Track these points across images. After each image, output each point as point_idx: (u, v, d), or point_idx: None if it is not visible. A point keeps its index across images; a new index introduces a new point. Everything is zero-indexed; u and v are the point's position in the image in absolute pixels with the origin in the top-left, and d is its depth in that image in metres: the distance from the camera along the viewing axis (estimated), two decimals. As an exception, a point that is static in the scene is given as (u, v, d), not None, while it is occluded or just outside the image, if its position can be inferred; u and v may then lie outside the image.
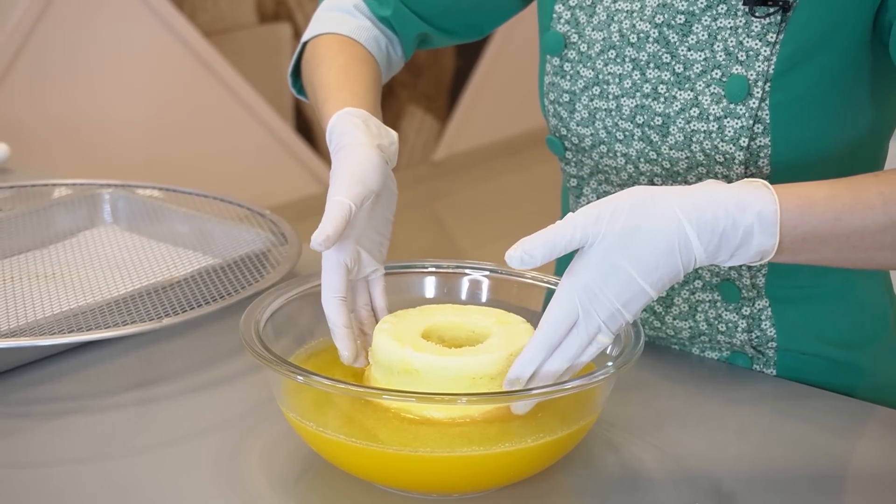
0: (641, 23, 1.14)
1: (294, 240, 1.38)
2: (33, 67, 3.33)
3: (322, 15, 1.29)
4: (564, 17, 1.19)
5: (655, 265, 0.93)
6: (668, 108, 1.14)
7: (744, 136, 1.11)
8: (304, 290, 1.08)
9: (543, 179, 4.55)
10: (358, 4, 1.29)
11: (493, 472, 0.95)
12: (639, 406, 1.13)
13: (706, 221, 0.93)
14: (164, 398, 1.14)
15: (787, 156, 1.12)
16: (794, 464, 1.05)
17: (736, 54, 1.11)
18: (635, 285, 0.93)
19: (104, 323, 1.19)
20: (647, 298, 0.94)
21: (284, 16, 3.93)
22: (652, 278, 0.93)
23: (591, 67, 1.17)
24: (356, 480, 0.98)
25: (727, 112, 1.11)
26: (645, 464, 1.03)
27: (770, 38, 1.09)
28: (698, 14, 1.12)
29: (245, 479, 1.00)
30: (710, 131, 1.12)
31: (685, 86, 1.13)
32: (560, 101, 1.20)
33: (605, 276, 0.93)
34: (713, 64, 1.12)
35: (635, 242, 0.92)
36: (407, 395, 0.93)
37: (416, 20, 1.29)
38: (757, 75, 1.10)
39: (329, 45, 1.24)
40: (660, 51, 1.14)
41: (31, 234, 1.45)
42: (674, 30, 1.13)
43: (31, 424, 1.09)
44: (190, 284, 1.27)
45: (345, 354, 1.01)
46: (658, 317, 1.23)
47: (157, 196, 1.52)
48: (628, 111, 1.16)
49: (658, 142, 1.15)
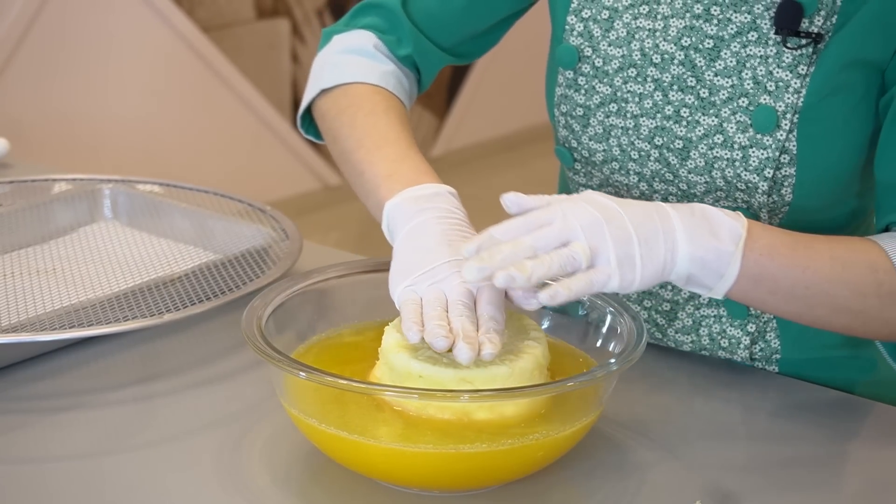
0: (666, 43, 1.11)
1: (295, 236, 1.38)
2: (32, 62, 3.33)
3: (337, 59, 1.23)
4: (577, 29, 1.15)
5: (643, 216, 0.96)
6: (691, 132, 1.11)
7: (769, 166, 1.09)
8: (306, 285, 1.08)
9: (541, 176, 4.54)
10: (378, 45, 1.24)
11: (496, 469, 0.95)
12: (641, 403, 1.13)
13: (681, 207, 0.99)
14: (165, 394, 1.13)
15: (811, 185, 1.10)
16: (795, 461, 1.05)
17: (765, 84, 1.08)
18: (624, 224, 0.95)
19: (105, 319, 1.18)
20: (632, 244, 0.94)
21: (283, 11, 3.93)
22: (641, 230, 0.95)
23: (609, 84, 1.14)
24: (358, 476, 0.98)
25: (753, 142, 1.09)
26: (647, 461, 1.03)
27: (801, 71, 1.07)
28: (727, 40, 1.09)
29: (246, 474, 1.00)
30: (733, 159, 1.10)
31: (709, 111, 1.11)
32: (573, 114, 1.17)
33: (597, 207, 0.96)
34: (740, 91, 1.09)
35: (625, 204, 0.97)
36: (409, 391, 0.93)
37: (438, 52, 1.25)
38: (786, 107, 1.07)
39: (360, 100, 1.19)
40: (685, 73, 1.11)
41: (31, 230, 1.44)
42: (701, 54, 1.10)
43: (32, 420, 1.09)
44: (191, 280, 1.27)
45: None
46: (660, 329, 1.22)
47: (158, 192, 1.52)
48: (647, 131, 1.14)
49: (676, 164, 1.13)
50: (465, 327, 0.93)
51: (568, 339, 1.08)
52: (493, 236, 0.95)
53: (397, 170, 1.09)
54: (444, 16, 1.24)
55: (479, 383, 0.94)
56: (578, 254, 0.94)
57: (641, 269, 0.96)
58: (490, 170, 4.36)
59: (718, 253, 0.98)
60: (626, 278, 0.95)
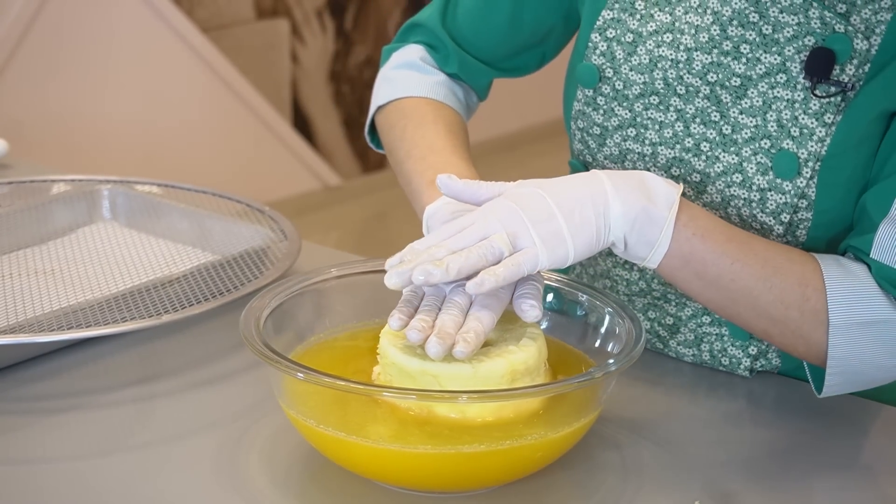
0: (690, 77, 1.09)
1: (294, 236, 1.38)
2: (31, 63, 3.33)
3: (391, 74, 1.27)
4: (600, 48, 1.13)
5: (566, 189, 0.98)
6: (710, 167, 1.11)
7: (786, 211, 1.08)
8: (304, 286, 1.08)
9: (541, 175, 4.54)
10: (425, 57, 1.26)
11: (494, 469, 0.94)
12: (640, 404, 1.13)
13: (620, 173, 1.00)
14: (164, 395, 1.13)
15: (825, 227, 1.10)
16: (795, 462, 1.05)
17: (789, 128, 1.07)
18: (544, 203, 0.96)
19: (103, 319, 1.18)
20: (555, 219, 0.96)
21: (282, 11, 3.93)
22: (564, 203, 0.97)
23: (629, 108, 1.13)
24: (356, 478, 0.98)
25: (772, 185, 1.08)
26: (646, 462, 1.03)
27: (827, 119, 1.05)
28: (755, 80, 1.07)
29: (244, 475, 1.00)
30: (750, 200, 1.09)
31: (730, 148, 1.09)
32: (590, 131, 1.16)
33: (515, 199, 0.97)
34: (763, 133, 1.08)
35: (553, 182, 0.99)
36: (407, 392, 0.93)
37: (483, 68, 1.26)
38: (808, 155, 1.06)
39: (410, 113, 1.22)
40: (709, 107, 1.10)
41: (30, 230, 1.44)
42: (727, 91, 1.09)
43: (30, 421, 1.09)
44: (189, 281, 1.27)
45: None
46: (662, 340, 1.22)
47: (156, 192, 1.52)
48: (664, 161, 1.13)
49: (692, 196, 1.13)
50: (444, 323, 0.94)
51: (567, 339, 1.08)
52: (414, 248, 0.98)
53: None
54: (485, 33, 1.25)
55: (441, 378, 0.94)
56: (496, 241, 0.95)
57: (572, 239, 0.97)
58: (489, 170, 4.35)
59: (651, 215, 0.99)
60: (556, 253, 0.96)
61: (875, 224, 1.04)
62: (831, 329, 1.03)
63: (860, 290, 1.03)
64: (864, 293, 1.03)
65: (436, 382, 0.94)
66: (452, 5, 1.26)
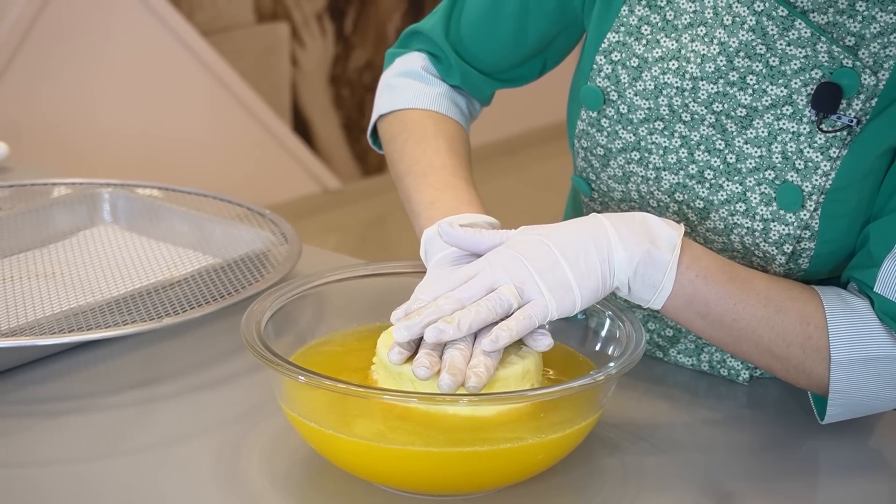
0: (696, 105, 1.08)
1: (294, 239, 1.38)
2: (31, 66, 3.33)
3: (393, 82, 1.26)
4: (605, 71, 1.12)
5: (569, 235, 0.99)
6: (713, 195, 1.10)
7: (789, 242, 1.08)
8: (305, 289, 1.08)
9: (542, 180, 4.54)
10: (427, 67, 1.26)
11: (496, 470, 0.95)
12: (640, 407, 1.13)
13: (621, 216, 1.01)
14: (165, 398, 1.13)
15: (828, 256, 1.10)
16: (798, 464, 1.05)
17: (793, 161, 1.06)
18: (549, 252, 0.97)
19: (104, 322, 1.18)
20: (560, 268, 0.97)
21: (282, 15, 3.93)
22: (567, 251, 0.97)
23: (633, 132, 1.12)
24: (357, 480, 0.98)
25: (775, 216, 1.08)
26: (646, 464, 1.03)
27: (832, 153, 1.05)
28: (761, 111, 1.07)
29: (245, 478, 1.00)
30: (753, 229, 1.09)
31: (734, 177, 1.09)
32: (593, 151, 1.16)
33: (519, 248, 0.98)
34: (768, 164, 1.07)
35: (555, 229, 1.00)
36: (408, 395, 0.93)
37: (485, 80, 1.26)
38: (812, 188, 1.06)
39: (412, 126, 1.22)
40: (714, 135, 1.09)
41: (31, 234, 1.44)
42: (733, 120, 1.08)
43: (31, 424, 1.09)
44: (190, 284, 1.27)
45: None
46: (662, 349, 1.22)
47: (157, 195, 1.52)
48: (668, 185, 1.12)
49: (695, 221, 1.12)
50: (454, 359, 0.94)
51: (567, 343, 1.08)
52: (419, 298, 0.98)
53: (439, 198, 1.13)
54: (489, 45, 1.24)
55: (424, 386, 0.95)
56: (505, 294, 0.96)
57: (578, 287, 0.97)
58: (489, 174, 4.35)
59: (654, 258, 1.00)
60: (564, 302, 0.97)
61: (879, 258, 1.04)
62: (833, 366, 1.03)
63: (862, 327, 1.03)
64: (866, 330, 1.03)
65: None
66: (456, 17, 1.25)
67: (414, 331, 0.95)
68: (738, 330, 1.03)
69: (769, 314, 1.03)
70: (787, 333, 1.03)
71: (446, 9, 1.25)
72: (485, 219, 1.09)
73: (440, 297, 0.97)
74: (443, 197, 1.13)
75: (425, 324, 0.95)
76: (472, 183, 1.17)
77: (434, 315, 0.95)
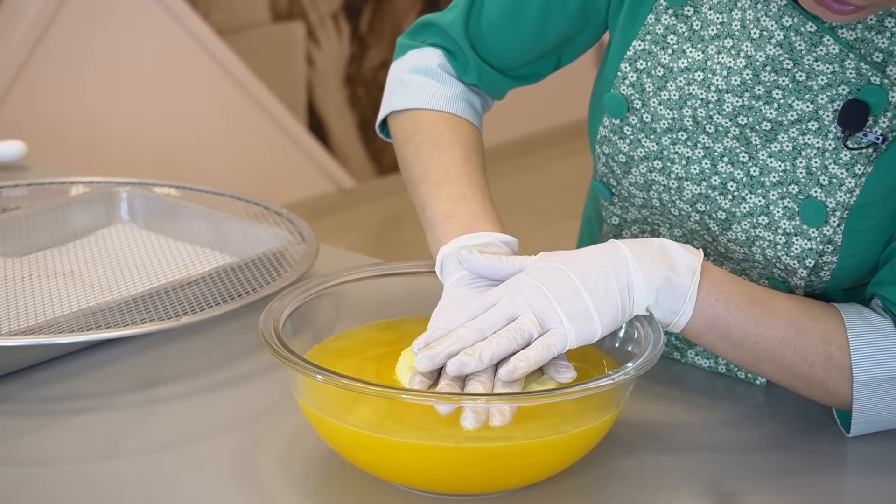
0: (720, 117, 1.08)
1: (311, 239, 1.38)
2: (48, 65, 3.34)
3: (407, 78, 1.24)
4: (630, 78, 1.11)
5: (588, 263, 0.98)
6: (735, 207, 1.09)
7: (811, 256, 1.07)
8: (322, 288, 1.08)
9: (557, 179, 4.54)
10: (443, 65, 1.24)
11: (515, 468, 0.95)
12: (658, 407, 1.13)
13: (639, 243, 1.01)
14: (181, 397, 1.14)
15: (850, 270, 1.09)
16: (819, 465, 1.05)
17: (818, 176, 1.05)
18: (568, 280, 0.97)
19: (122, 321, 1.19)
20: (580, 296, 0.96)
21: (298, 14, 3.93)
22: (587, 279, 0.97)
23: (656, 141, 1.11)
24: (374, 480, 0.98)
25: (798, 231, 1.07)
26: (664, 465, 1.03)
27: (857, 171, 1.04)
28: (786, 125, 1.06)
29: (262, 477, 1.00)
30: (776, 243, 1.09)
31: (757, 190, 1.08)
32: (615, 158, 1.15)
33: (538, 276, 0.98)
34: (792, 178, 1.06)
35: (573, 256, 0.99)
36: (426, 394, 0.93)
37: (501, 78, 1.24)
38: (836, 204, 1.05)
39: (426, 129, 1.20)
40: (738, 148, 1.08)
41: (49, 232, 1.45)
42: (757, 133, 1.07)
43: (47, 422, 1.09)
44: (207, 283, 1.27)
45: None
46: (680, 351, 1.22)
47: (174, 194, 1.52)
48: (690, 195, 1.11)
49: (717, 232, 1.12)
50: (476, 392, 0.95)
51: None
52: (439, 328, 0.98)
53: (455, 212, 1.11)
54: (509, 43, 1.23)
55: None
56: (525, 324, 0.96)
57: (599, 316, 0.97)
58: (505, 173, 4.36)
59: (673, 284, 0.99)
60: (584, 330, 0.97)
61: None
62: (856, 385, 1.03)
63: (884, 345, 1.03)
64: (889, 349, 1.03)
65: None
66: (476, 13, 1.23)
67: (436, 360, 0.95)
68: (759, 352, 1.03)
69: (790, 335, 1.03)
70: (809, 354, 1.03)
71: (466, 4, 1.23)
72: (500, 237, 1.08)
73: (461, 327, 0.97)
74: (458, 211, 1.11)
75: (447, 354, 0.95)
76: (487, 193, 1.16)
77: (456, 345, 0.95)
